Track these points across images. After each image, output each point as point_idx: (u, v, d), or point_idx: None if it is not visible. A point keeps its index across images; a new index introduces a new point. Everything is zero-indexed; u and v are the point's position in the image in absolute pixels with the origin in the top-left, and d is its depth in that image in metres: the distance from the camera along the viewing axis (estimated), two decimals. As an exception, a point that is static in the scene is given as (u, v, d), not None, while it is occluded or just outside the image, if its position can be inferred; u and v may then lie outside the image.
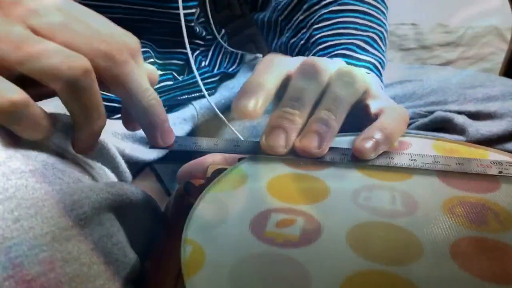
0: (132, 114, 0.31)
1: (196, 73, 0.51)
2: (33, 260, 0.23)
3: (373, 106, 0.35)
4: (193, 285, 0.21)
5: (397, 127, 0.32)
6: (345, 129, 0.33)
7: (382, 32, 0.50)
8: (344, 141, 0.33)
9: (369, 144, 0.30)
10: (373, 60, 0.47)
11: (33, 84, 0.27)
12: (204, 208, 0.26)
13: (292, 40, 0.54)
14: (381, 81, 0.47)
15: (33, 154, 0.28)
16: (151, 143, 0.32)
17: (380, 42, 0.50)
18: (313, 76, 0.32)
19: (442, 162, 0.30)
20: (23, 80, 0.27)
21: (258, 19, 0.60)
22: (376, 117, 0.34)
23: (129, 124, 0.34)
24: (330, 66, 0.33)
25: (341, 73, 0.33)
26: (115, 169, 0.44)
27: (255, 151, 0.31)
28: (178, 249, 0.23)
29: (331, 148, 0.31)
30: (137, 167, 0.53)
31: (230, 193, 0.28)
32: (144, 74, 0.30)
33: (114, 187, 0.28)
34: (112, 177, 0.43)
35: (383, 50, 0.50)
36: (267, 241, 0.24)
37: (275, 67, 0.33)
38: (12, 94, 0.26)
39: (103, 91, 0.30)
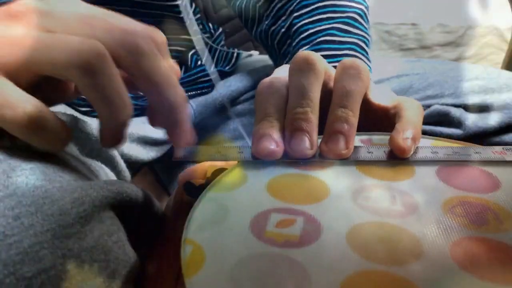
0: (156, 109, 0.30)
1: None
2: (33, 257, 0.23)
3: (376, 98, 0.35)
4: (193, 285, 0.21)
5: (421, 120, 0.33)
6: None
7: (361, 10, 0.50)
8: None
9: (409, 142, 0.30)
10: (356, 41, 0.47)
11: (46, 91, 0.27)
12: (204, 208, 0.26)
13: (273, 28, 0.54)
14: (368, 59, 0.48)
15: (33, 152, 0.28)
16: (175, 156, 0.31)
17: (361, 20, 0.49)
18: (309, 68, 0.32)
19: (462, 153, 0.31)
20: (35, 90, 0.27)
21: (235, 6, 0.59)
22: (386, 109, 0.34)
23: (155, 120, 0.32)
24: (321, 57, 0.33)
25: (345, 66, 0.33)
26: (114, 168, 0.44)
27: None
28: (178, 249, 0.23)
29: (354, 147, 0.31)
30: (136, 167, 0.53)
31: (230, 193, 0.28)
32: (171, 69, 0.29)
33: (114, 185, 0.28)
34: (112, 176, 0.43)
35: (365, 28, 0.50)
36: (267, 241, 0.24)
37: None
38: (25, 104, 0.25)
39: None
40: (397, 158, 0.31)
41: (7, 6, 0.28)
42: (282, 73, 0.34)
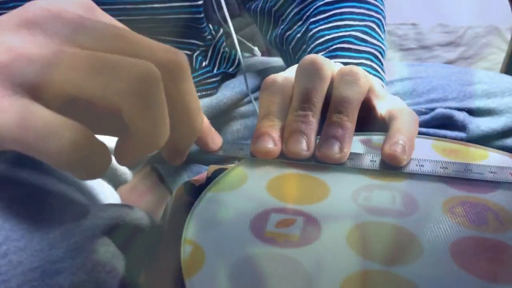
0: (177, 135, 0.25)
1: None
2: None
3: (380, 107, 0.34)
4: (193, 285, 0.21)
5: (414, 128, 0.32)
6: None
7: (379, 19, 0.50)
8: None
9: (399, 148, 0.30)
10: (373, 50, 0.47)
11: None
12: (204, 208, 0.26)
13: (288, 33, 0.53)
14: (383, 70, 0.47)
15: (22, 176, 0.27)
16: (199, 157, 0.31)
17: (378, 30, 0.49)
18: (316, 73, 0.32)
19: (475, 171, 0.30)
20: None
21: (250, 9, 0.59)
22: (383, 118, 0.34)
23: (175, 158, 0.28)
24: (330, 61, 0.33)
25: (343, 73, 0.32)
26: (113, 174, 0.44)
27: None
28: (178, 249, 0.23)
29: (356, 154, 0.31)
30: (138, 164, 0.52)
31: (230, 193, 0.28)
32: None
33: (106, 211, 0.27)
34: (108, 188, 0.42)
35: (382, 38, 0.49)
36: (267, 241, 0.24)
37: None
38: (70, 130, 0.21)
39: None
40: (395, 168, 0.30)
41: (21, 8, 0.23)
42: (289, 71, 0.34)
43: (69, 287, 0.23)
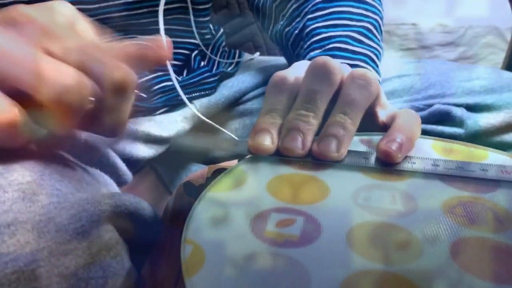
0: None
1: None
2: (29, 276, 0.22)
3: (382, 114, 0.35)
4: (193, 285, 0.21)
5: (415, 128, 0.32)
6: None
7: (377, 21, 0.50)
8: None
9: (395, 146, 0.30)
10: (368, 53, 0.47)
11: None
12: (204, 208, 0.26)
13: (287, 29, 0.54)
14: (378, 72, 0.47)
15: (31, 164, 0.27)
16: (173, 142, 0.32)
17: (375, 32, 0.49)
18: (325, 77, 0.32)
19: (466, 168, 0.30)
20: None
21: (253, 5, 0.59)
22: (384, 124, 0.34)
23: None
24: (341, 66, 0.33)
25: (355, 75, 0.33)
26: (114, 173, 0.44)
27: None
28: (178, 249, 0.23)
29: (350, 152, 0.31)
30: (138, 166, 0.52)
31: (230, 193, 0.28)
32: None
33: (112, 199, 0.27)
34: (111, 183, 0.42)
35: (378, 40, 0.49)
36: (267, 241, 0.24)
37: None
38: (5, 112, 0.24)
39: None
40: (386, 165, 0.30)
41: (3, 11, 0.27)
42: (299, 69, 0.35)
43: (75, 268, 0.24)
